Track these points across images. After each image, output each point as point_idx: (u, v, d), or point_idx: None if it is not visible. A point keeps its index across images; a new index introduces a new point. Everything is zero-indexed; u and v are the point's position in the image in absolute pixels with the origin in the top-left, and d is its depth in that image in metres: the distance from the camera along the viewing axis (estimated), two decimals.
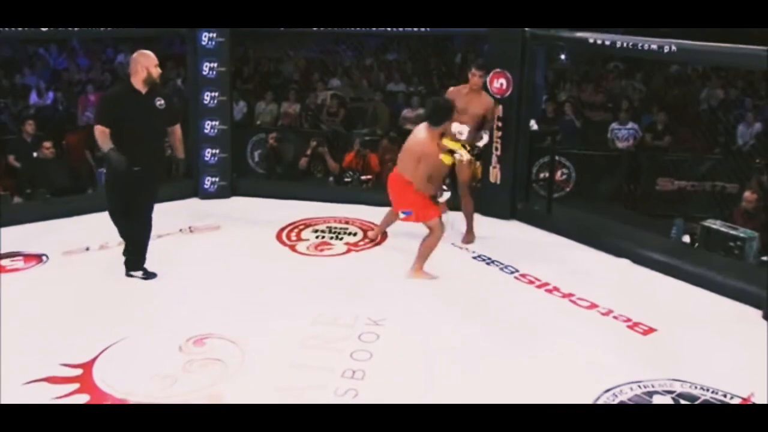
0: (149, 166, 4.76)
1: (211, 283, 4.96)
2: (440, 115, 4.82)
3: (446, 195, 5.01)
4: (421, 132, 4.88)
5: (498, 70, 6.09)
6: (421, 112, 9.21)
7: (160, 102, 4.81)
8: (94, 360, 3.88)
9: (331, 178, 7.79)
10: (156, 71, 4.74)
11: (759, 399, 3.65)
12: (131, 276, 4.98)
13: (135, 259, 4.98)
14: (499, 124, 6.13)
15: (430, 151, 4.81)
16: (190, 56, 6.75)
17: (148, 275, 4.98)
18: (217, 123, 6.72)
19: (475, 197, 5.86)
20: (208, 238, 5.77)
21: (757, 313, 4.62)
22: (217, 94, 6.68)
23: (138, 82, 4.72)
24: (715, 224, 5.72)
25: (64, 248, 5.41)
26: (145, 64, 4.70)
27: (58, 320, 4.31)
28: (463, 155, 5.40)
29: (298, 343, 4.12)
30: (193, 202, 6.72)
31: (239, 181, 7.02)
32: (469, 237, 5.86)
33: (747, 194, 6.26)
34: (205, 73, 6.60)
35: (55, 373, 3.74)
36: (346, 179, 7.61)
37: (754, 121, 8.78)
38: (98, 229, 5.79)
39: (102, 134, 4.63)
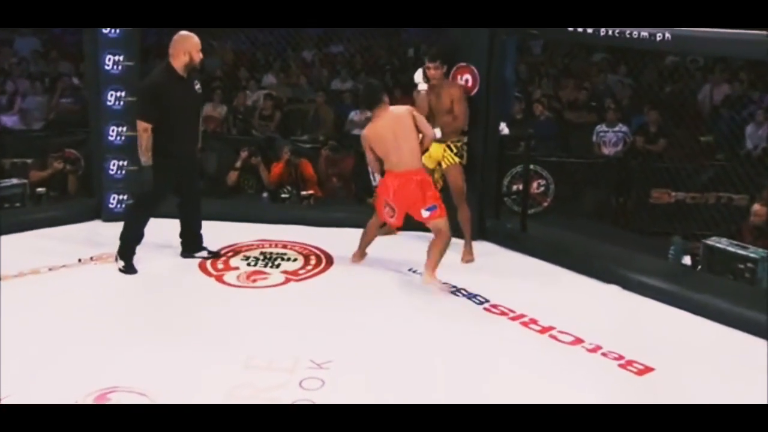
0: (193, 152, 5.56)
1: (116, 325, 4.88)
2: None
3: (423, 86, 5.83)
4: (389, 115, 5.42)
5: (463, 64, 6.14)
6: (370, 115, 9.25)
7: (197, 85, 5.49)
8: None
9: (265, 194, 7.76)
10: (198, 56, 5.33)
11: None
12: (194, 257, 5.80)
13: (195, 243, 5.84)
14: None
15: (408, 120, 5.40)
16: (87, 48, 6.65)
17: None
18: (124, 129, 6.59)
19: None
20: (113, 269, 5.67)
21: None
22: (123, 93, 6.56)
23: (179, 67, 5.30)
24: (720, 243, 5.82)
25: None
26: (187, 48, 5.28)
27: None
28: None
29: (225, 394, 4.05)
30: (95, 225, 6.61)
31: None
32: (468, 256, 5.96)
33: (756, 207, 6.37)
34: (108, 68, 6.49)
35: None
36: (283, 195, 7.58)
37: (765, 120, 8.77)
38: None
39: (144, 133, 5.26)
